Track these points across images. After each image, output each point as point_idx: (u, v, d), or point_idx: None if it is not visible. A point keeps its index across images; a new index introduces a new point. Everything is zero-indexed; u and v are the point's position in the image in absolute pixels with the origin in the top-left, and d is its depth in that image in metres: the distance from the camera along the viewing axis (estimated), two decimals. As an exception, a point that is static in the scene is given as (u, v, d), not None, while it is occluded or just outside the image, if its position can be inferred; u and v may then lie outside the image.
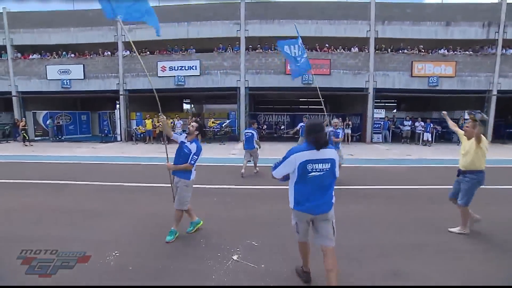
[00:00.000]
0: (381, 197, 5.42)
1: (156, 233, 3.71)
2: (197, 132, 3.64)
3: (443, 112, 4.78)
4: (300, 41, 6.81)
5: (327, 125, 6.24)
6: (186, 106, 29.79)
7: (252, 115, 17.85)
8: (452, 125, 4.41)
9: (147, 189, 5.88)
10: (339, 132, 6.45)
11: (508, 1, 14.95)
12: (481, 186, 3.64)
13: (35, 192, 5.62)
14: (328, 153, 2.35)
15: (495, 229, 3.86)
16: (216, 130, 15.49)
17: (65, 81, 15.78)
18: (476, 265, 3.00)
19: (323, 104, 6.57)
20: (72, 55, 16.33)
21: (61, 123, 17.27)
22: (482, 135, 3.42)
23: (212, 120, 16.39)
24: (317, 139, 2.29)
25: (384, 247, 3.36)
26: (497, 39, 15.00)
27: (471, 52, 15.19)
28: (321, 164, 2.32)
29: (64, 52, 16.34)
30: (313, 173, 2.31)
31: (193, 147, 3.47)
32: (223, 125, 15.68)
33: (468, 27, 15.05)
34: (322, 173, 2.33)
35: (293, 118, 19.01)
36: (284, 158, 2.38)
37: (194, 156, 3.44)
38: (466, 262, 3.06)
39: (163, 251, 3.27)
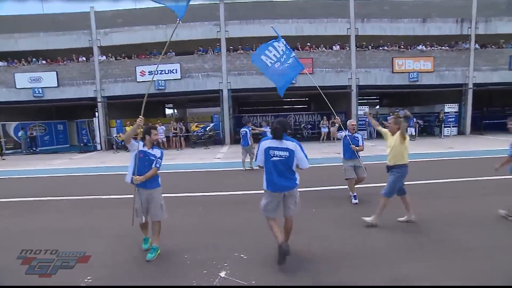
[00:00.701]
0: (374, 196, 5.29)
1: (135, 251, 3.39)
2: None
3: (365, 111, 4.87)
4: (282, 41, 5.28)
5: (336, 125, 5.14)
6: (168, 111, 29.13)
7: (237, 117, 17.59)
8: (375, 124, 4.58)
9: (127, 201, 5.48)
10: (358, 138, 5.01)
11: (478, -2, 15.56)
12: (473, 178, 3.59)
13: (3, 213, 5.10)
14: (288, 144, 2.90)
15: (497, 225, 3.82)
16: (200, 134, 15.11)
17: (36, 89, 14.89)
18: (477, 263, 2.89)
19: (329, 105, 5.62)
20: (44, 62, 15.45)
21: (34, 134, 16.28)
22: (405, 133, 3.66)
23: (196, 124, 15.98)
24: (274, 129, 2.94)
25: (383, 251, 3.20)
26: (470, 35, 15.53)
27: (447, 48, 15.65)
28: (280, 151, 2.89)
29: (34, 59, 15.42)
30: (274, 158, 2.90)
31: (156, 152, 3.33)
32: (207, 129, 15.31)
33: (443, 23, 15.51)
34: (282, 158, 2.89)
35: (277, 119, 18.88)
36: (258, 148, 3.04)
37: (159, 159, 3.31)
38: (468, 260, 2.95)
39: (143, 272, 2.96)
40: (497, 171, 3.89)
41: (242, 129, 8.42)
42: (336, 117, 5.05)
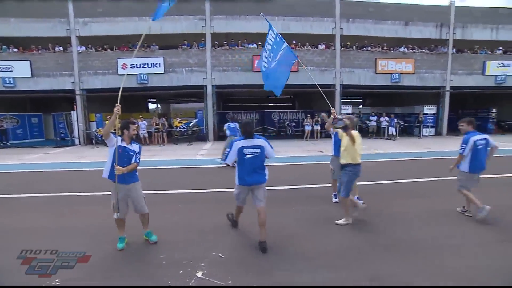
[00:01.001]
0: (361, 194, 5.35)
1: (110, 249, 3.25)
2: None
3: (322, 115, 5.06)
4: (273, 32, 5.00)
5: (331, 117, 4.74)
6: (152, 106, 28.41)
7: (221, 113, 17.40)
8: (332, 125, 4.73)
9: (104, 198, 5.26)
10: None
11: (456, 5, 16.15)
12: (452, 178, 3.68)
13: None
14: (257, 141, 3.28)
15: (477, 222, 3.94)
16: (183, 130, 14.81)
17: (7, 79, 13.97)
18: (462, 260, 2.97)
19: (327, 101, 5.35)
20: (15, 50, 14.52)
21: (5, 126, 15.32)
22: (354, 135, 3.84)
23: (179, 119, 15.65)
24: (245, 131, 3.30)
25: (360, 250, 3.23)
26: (448, 39, 16.12)
27: (427, 51, 16.16)
28: (253, 149, 3.24)
29: (4, 46, 14.47)
30: (248, 156, 3.23)
31: (135, 147, 3.33)
32: (190, 125, 15.03)
33: (424, 27, 15.99)
34: (254, 155, 3.24)
35: (262, 116, 18.87)
36: (231, 148, 3.32)
37: (138, 155, 3.32)
38: (451, 257, 3.02)
39: (117, 271, 2.83)
40: (451, 171, 4.17)
41: (230, 124, 8.42)
42: (332, 108, 4.87)
